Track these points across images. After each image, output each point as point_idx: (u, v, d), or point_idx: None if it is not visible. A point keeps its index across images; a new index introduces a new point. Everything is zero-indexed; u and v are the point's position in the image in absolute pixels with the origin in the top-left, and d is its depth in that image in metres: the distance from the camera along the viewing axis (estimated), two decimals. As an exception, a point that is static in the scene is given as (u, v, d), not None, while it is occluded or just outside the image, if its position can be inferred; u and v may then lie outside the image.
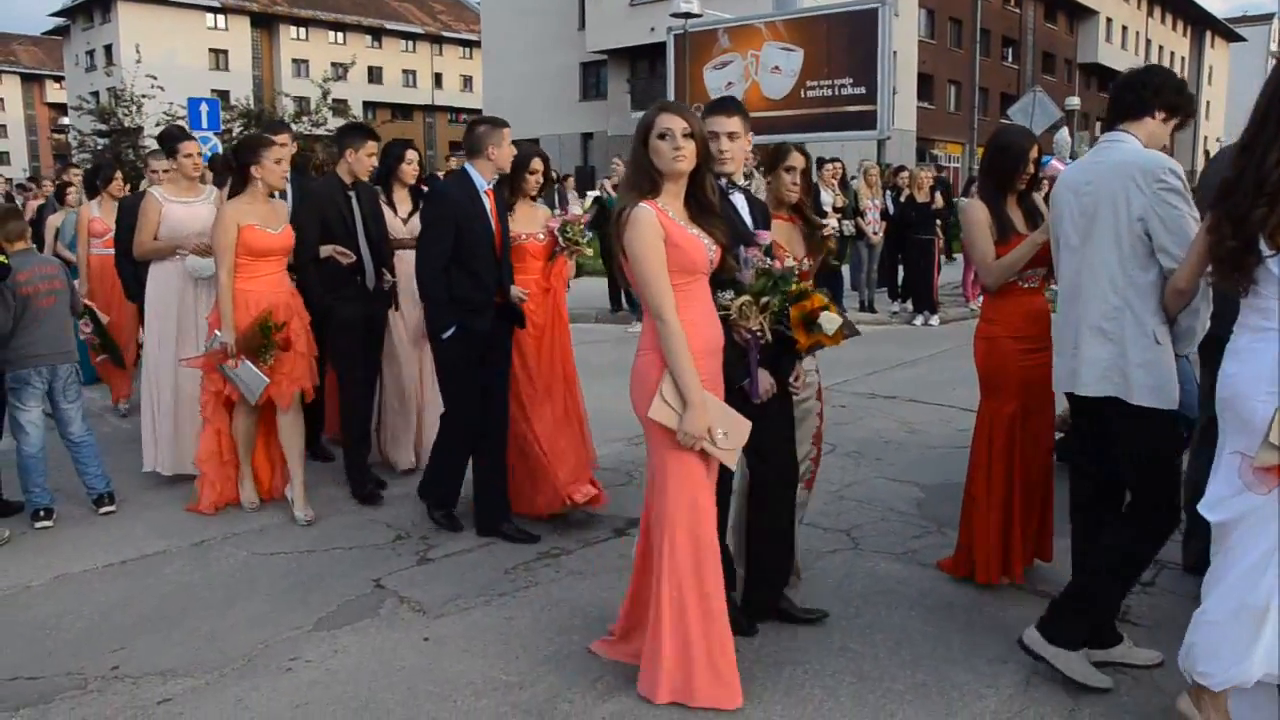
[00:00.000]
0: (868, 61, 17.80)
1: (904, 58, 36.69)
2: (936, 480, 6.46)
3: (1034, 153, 4.57)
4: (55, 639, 4.41)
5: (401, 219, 6.57)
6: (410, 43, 73.81)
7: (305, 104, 30.71)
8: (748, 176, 5.03)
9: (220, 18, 63.76)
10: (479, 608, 4.65)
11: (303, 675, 4.02)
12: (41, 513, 5.85)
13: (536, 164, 5.76)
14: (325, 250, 5.98)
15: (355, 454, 6.30)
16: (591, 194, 13.05)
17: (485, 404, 5.46)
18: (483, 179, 5.35)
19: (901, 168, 16.88)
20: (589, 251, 5.95)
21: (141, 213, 6.47)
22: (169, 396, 6.45)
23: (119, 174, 9.09)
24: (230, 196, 5.96)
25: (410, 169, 6.63)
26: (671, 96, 20.60)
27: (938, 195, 13.60)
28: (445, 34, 75.34)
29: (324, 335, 6.20)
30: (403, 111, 66.54)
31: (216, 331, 5.70)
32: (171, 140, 6.87)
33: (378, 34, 71.72)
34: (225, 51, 63.77)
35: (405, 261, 6.22)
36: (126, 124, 27.90)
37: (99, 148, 28.23)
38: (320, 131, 28.66)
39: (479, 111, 52.27)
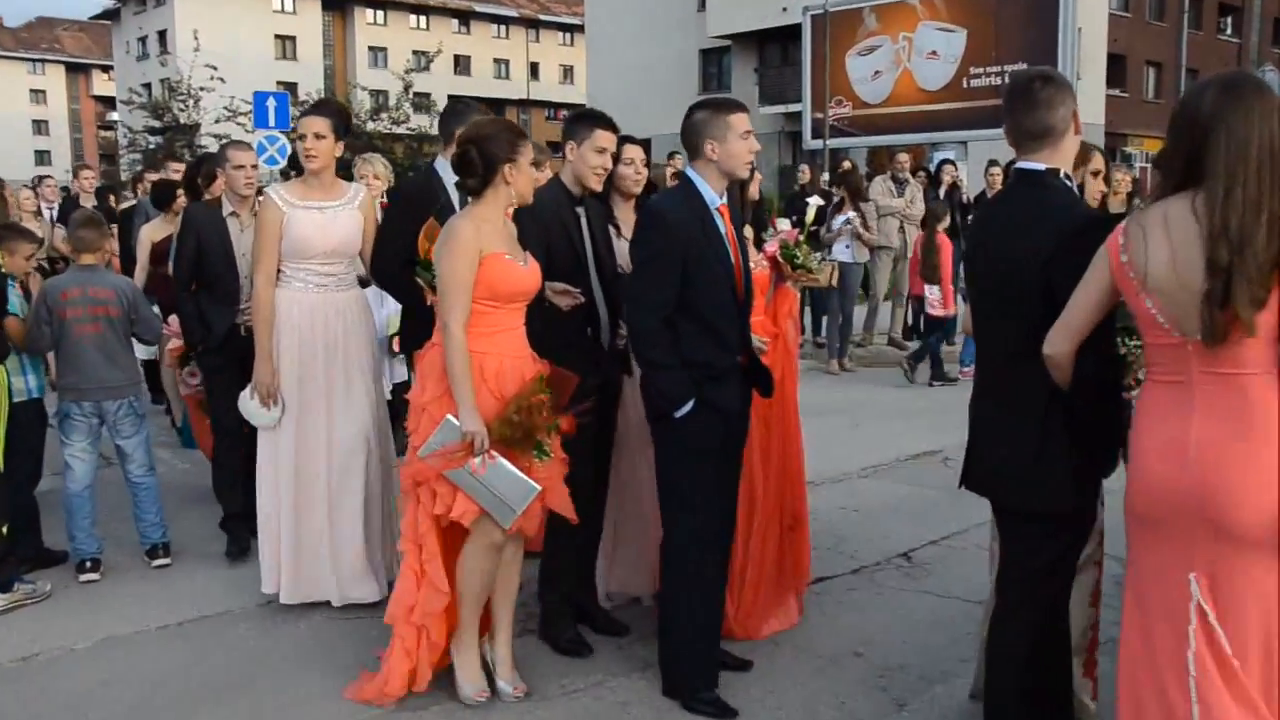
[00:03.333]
0: (1046, 42, 17.55)
1: (1090, 35, 35.91)
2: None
3: None
4: (101, 712, 4.50)
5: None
6: (503, 28, 75.12)
7: (383, 98, 31.45)
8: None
9: (288, 0, 65.73)
10: (588, 690, 4.66)
11: (385, 763, 4.04)
12: (88, 564, 6.00)
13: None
14: (550, 289, 4.80)
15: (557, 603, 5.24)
16: (814, 201, 12.85)
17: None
18: (713, 191, 4.47)
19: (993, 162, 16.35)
20: (822, 280, 5.64)
21: (259, 225, 5.54)
22: (288, 491, 5.52)
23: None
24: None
25: (632, 173, 5.40)
26: (807, 88, 20.58)
27: (1135, 202, 13.27)
28: (543, 18, 76.49)
29: None
30: (494, 107, 67.39)
31: (450, 417, 4.33)
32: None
33: (465, 18, 73.16)
34: (293, 38, 65.65)
35: None
36: (182, 120, 28.85)
37: (150, 146, 29.18)
38: (401, 130, 29.29)
39: (580, 107, 52.96)
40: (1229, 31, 51.37)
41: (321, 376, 5.49)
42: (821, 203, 13.52)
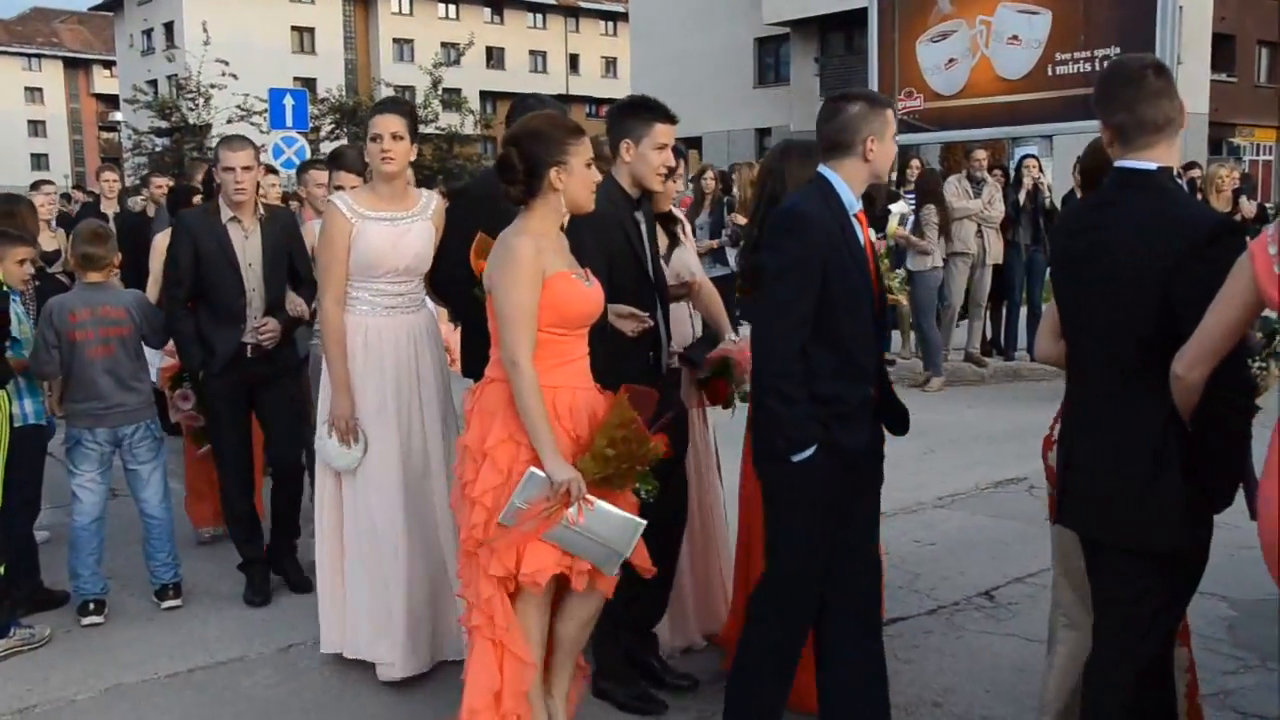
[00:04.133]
0: (1143, 23, 17.36)
1: (1193, 13, 35.64)
2: (1252, 595, 6.18)
3: None
4: (109, 767, 4.56)
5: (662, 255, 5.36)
6: (539, 16, 75.68)
7: (410, 94, 31.68)
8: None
9: (306, -13, 66.44)
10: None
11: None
12: (91, 605, 6.04)
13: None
14: (615, 313, 4.64)
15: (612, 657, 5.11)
16: (897, 208, 12.42)
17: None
18: (852, 194, 4.16)
19: (1192, 164, 16.25)
20: (904, 298, 5.60)
21: (326, 238, 5.32)
22: (355, 543, 5.33)
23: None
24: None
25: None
26: (874, 78, 20.57)
27: (1243, 202, 13.15)
28: (583, 5, 76.99)
29: None
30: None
31: (534, 470, 4.00)
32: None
33: (498, 6, 73.73)
34: (311, 30, 66.31)
35: (673, 325, 5.24)
36: (191, 120, 29.14)
37: (156, 149, 29.49)
38: (430, 130, 29.50)
39: (625, 100, 53.19)
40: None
41: (392, 410, 5.26)
42: (906, 209, 13.44)
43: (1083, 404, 3.70)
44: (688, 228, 5.85)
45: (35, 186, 11.92)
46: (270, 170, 12.06)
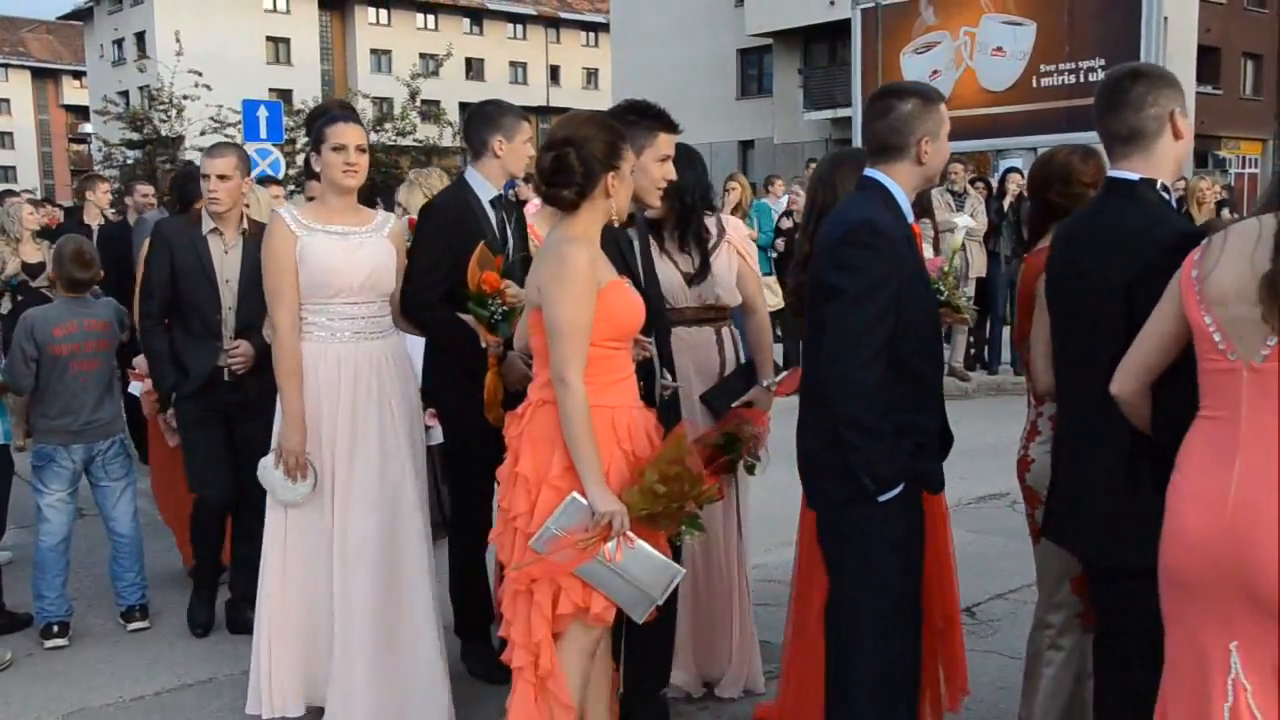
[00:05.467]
0: (1127, 35, 17.50)
1: (1178, 25, 35.81)
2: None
3: None
4: (71, 794, 4.53)
5: (685, 275, 5.19)
6: (519, 27, 75.74)
7: (387, 106, 31.71)
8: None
9: (281, -2, 66.46)
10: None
11: None
12: (55, 628, 6.01)
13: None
14: None
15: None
16: (964, 222, 12.23)
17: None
18: (909, 201, 3.92)
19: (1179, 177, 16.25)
20: (968, 318, 5.37)
21: (268, 254, 4.86)
22: (298, 585, 4.93)
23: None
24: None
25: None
26: (858, 89, 20.61)
27: (1224, 214, 13.24)
28: (564, 15, 77.12)
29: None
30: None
31: (576, 495, 3.77)
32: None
33: (478, 17, 73.76)
34: (287, 40, 66.31)
35: (690, 351, 5.13)
36: (164, 132, 29.11)
37: (128, 161, 29.45)
38: (407, 141, 29.49)
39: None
40: (1339, 19, 51.26)
41: (347, 444, 4.82)
42: (972, 223, 13.32)
43: (1067, 420, 3.71)
44: (753, 250, 5.58)
45: (9, 194, 11.71)
46: (274, 181, 11.95)
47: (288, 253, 4.75)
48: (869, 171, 3.89)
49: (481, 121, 5.30)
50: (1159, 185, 3.48)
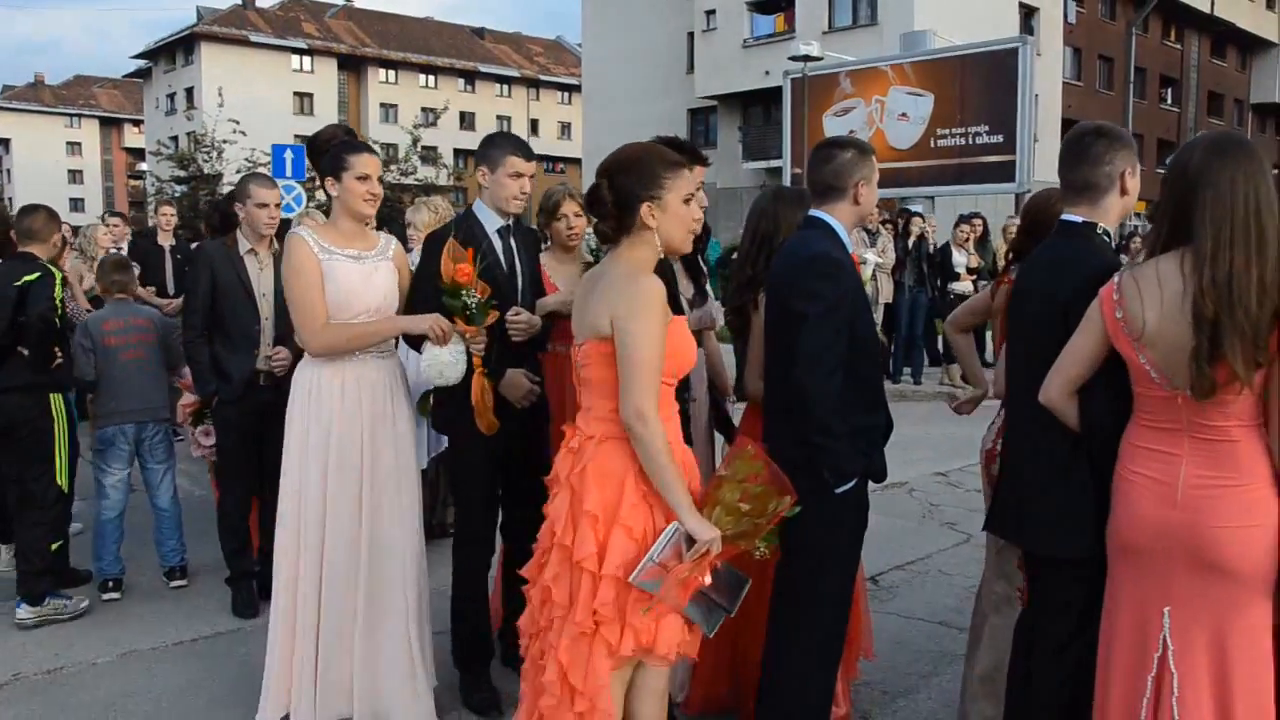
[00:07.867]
0: (1006, 106, 17.63)
1: (1047, 101, 36.30)
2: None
3: None
4: (123, 721, 4.50)
5: (688, 300, 4.84)
6: (505, 87, 75.55)
7: (394, 151, 31.58)
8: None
9: (306, 59, 66.02)
10: None
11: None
12: (110, 583, 6.03)
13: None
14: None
15: None
16: (871, 257, 11.67)
17: None
18: (848, 235, 3.88)
19: (905, 211, 16.37)
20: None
21: (298, 269, 4.25)
22: (309, 601, 4.29)
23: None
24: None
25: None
26: (788, 145, 20.66)
27: (1134, 254, 13.38)
28: (543, 78, 77.03)
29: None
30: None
31: (676, 524, 3.18)
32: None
33: (471, 78, 73.53)
34: (310, 95, 65.90)
35: (695, 371, 4.48)
36: (206, 170, 28.96)
37: (176, 194, 29.38)
38: (410, 180, 29.39)
39: (578, 161, 53.16)
40: (1170, 101, 52.00)
41: (357, 463, 4.28)
42: (879, 259, 13.17)
43: (1016, 427, 3.60)
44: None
45: (100, 219, 11.57)
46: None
47: (316, 269, 4.20)
48: (814, 211, 3.80)
49: (477, 154, 4.69)
50: (1099, 229, 3.39)
